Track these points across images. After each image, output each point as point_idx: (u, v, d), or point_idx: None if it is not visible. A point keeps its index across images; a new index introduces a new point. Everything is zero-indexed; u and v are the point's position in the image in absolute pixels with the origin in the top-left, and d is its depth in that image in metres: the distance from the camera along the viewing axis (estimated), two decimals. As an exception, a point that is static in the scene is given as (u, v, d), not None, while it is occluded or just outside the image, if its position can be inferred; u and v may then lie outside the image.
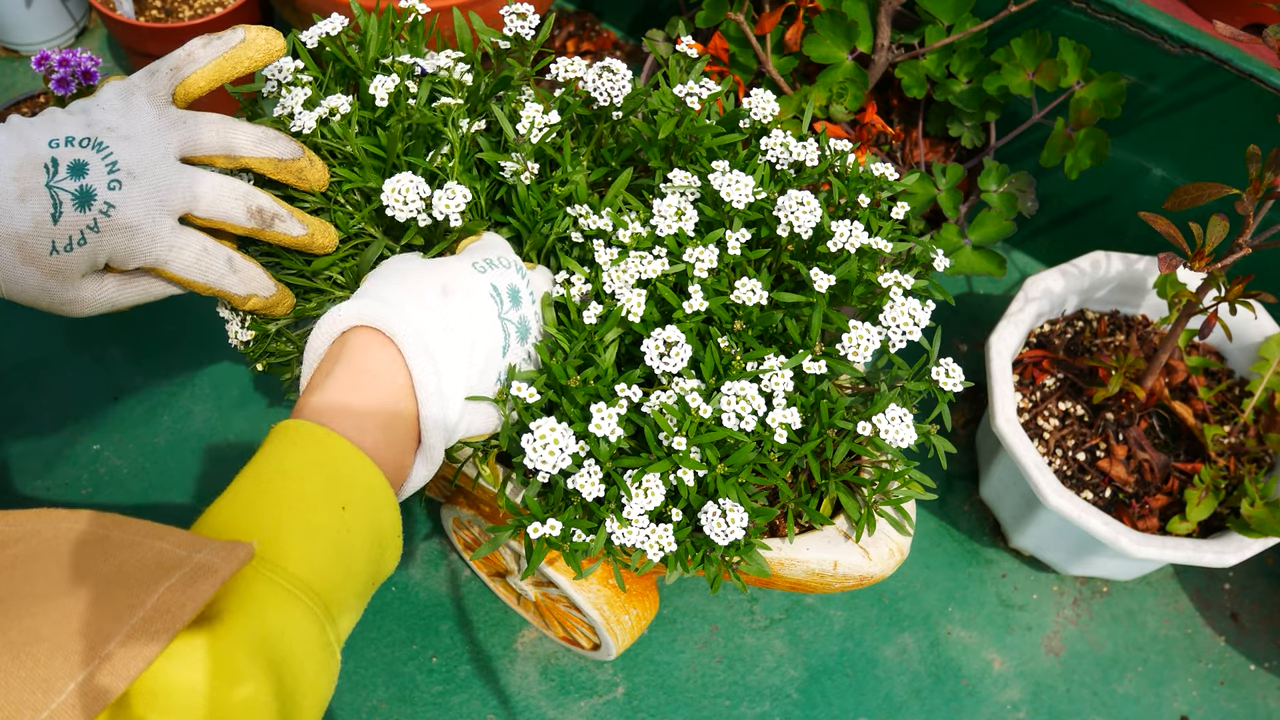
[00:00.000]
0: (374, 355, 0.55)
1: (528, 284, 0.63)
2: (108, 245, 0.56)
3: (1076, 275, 0.95)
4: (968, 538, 1.02)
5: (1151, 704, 0.96)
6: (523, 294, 0.62)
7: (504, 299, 0.61)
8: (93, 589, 0.44)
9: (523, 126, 0.67)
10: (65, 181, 0.54)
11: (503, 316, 0.60)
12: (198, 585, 0.45)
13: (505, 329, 0.60)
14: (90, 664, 0.41)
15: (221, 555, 0.46)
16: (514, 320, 0.61)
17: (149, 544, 0.46)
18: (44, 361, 1.02)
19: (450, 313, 0.57)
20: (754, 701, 0.93)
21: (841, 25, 0.94)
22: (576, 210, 0.66)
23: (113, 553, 0.46)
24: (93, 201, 0.55)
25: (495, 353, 0.60)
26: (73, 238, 0.54)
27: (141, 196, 0.56)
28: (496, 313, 0.60)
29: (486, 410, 0.60)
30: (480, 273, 0.60)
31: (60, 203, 0.54)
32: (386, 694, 0.91)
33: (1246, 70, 0.89)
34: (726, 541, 0.60)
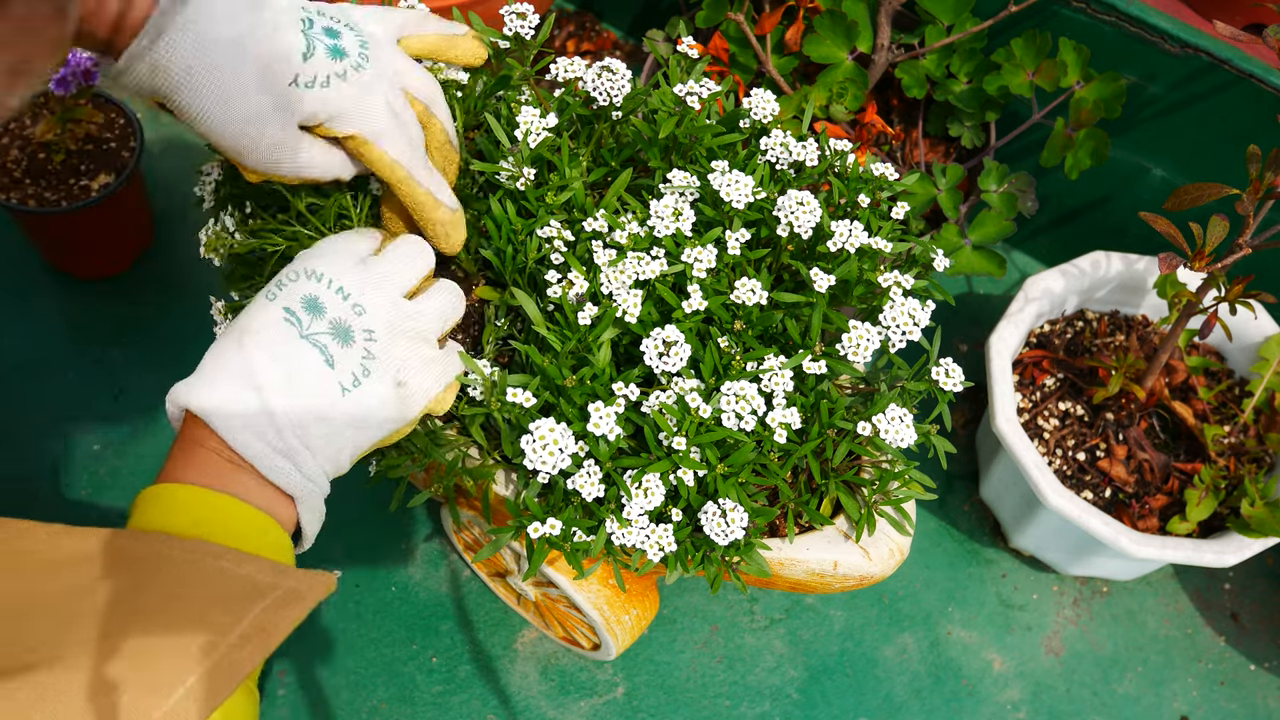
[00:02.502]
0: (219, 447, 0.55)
1: (329, 284, 0.58)
2: (345, 97, 0.59)
3: (1076, 275, 0.95)
4: (968, 538, 1.02)
5: (1151, 704, 0.96)
6: (323, 298, 0.58)
7: (300, 316, 0.57)
8: (194, 608, 0.48)
9: (519, 131, 0.67)
10: (320, 35, 0.59)
11: (305, 335, 0.57)
12: (289, 609, 0.49)
13: (316, 344, 0.56)
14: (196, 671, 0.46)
15: (307, 582, 0.50)
16: (322, 330, 0.57)
17: (240, 570, 0.50)
18: (44, 362, 1.02)
19: (251, 360, 0.55)
20: (754, 701, 0.93)
21: (841, 25, 0.94)
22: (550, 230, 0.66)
23: (214, 578, 0.49)
24: (345, 57, 0.59)
25: (319, 373, 0.56)
26: (317, 77, 0.58)
27: (380, 67, 0.61)
28: (296, 334, 0.56)
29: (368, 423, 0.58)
30: (270, 300, 0.57)
31: (314, 46, 0.58)
32: (386, 694, 0.91)
33: (1246, 70, 0.89)
34: (726, 541, 0.60)
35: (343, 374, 0.57)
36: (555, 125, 0.68)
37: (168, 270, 1.07)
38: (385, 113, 0.61)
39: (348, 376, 0.57)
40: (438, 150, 0.66)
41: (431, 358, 0.61)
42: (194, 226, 1.09)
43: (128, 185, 0.96)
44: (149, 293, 1.06)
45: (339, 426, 0.56)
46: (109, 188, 0.95)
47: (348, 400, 0.57)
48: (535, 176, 0.68)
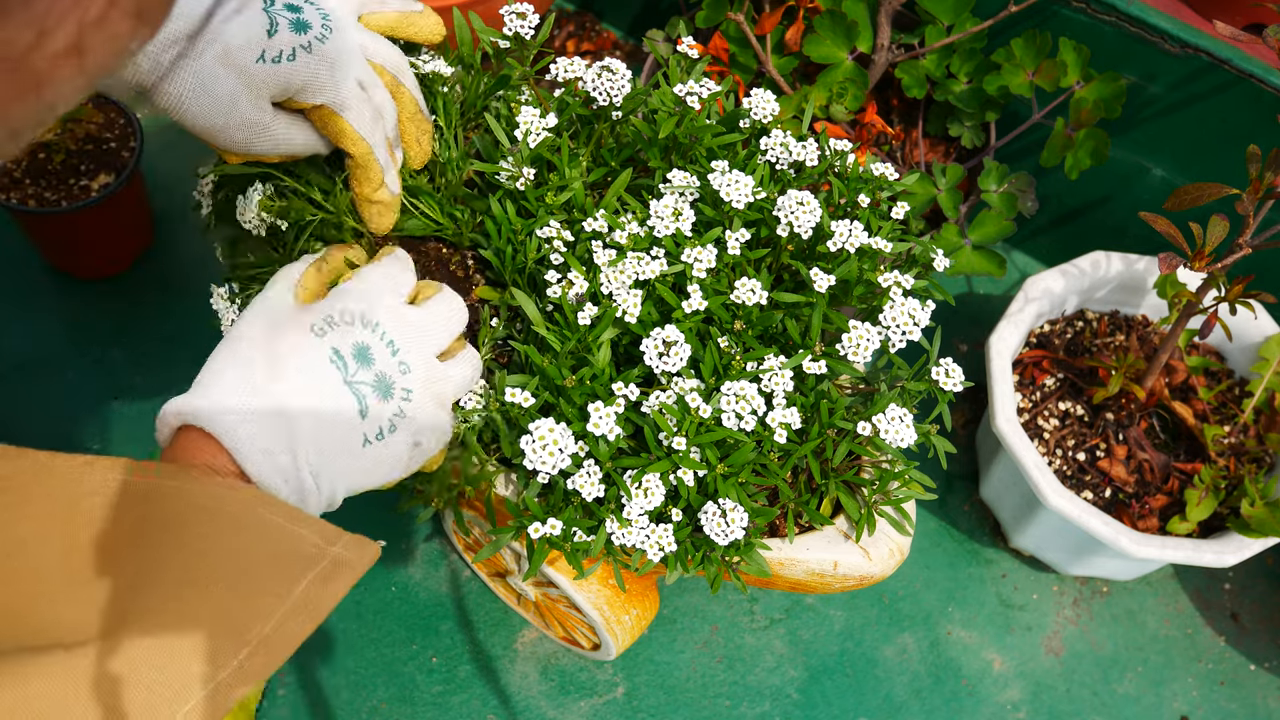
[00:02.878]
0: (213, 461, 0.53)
1: (382, 336, 0.58)
2: (311, 68, 0.59)
3: (1076, 275, 0.95)
4: (968, 538, 1.02)
5: (1151, 704, 0.96)
6: (374, 349, 0.57)
7: (348, 362, 0.56)
8: (245, 572, 0.47)
9: (519, 132, 0.67)
10: (282, 11, 0.58)
11: (350, 381, 0.55)
12: (336, 581, 0.49)
13: (356, 393, 0.55)
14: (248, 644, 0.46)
15: (355, 551, 0.50)
16: (367, 381, 0.56)
17: (291, 529, 0.49)
18: (44, 362, 1.02)
19: (282, 393, 0.53)
20: (754, 701, 0.93)
21: (841, 25, 0.94)
22: (550, 230, 0.66)
23: (262, 534, 0.48)
24: (308, 29, 0.59)
25: (350, 421, 0.55)
26: (283, 52, 0.57)
27: (345, 38, 0.61)
28: (340, 379, 0.55)
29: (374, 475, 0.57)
30: (319, 336, 0.56)
31: (276, 24, 0.57)
32: (386, 694, 0.91)
33: (1246, 70, 0.89)
34: (726, 541, 0.60)
35: (370, 427, 0.56)
36: (555, 125, 0.68)
37: (168, 270, 1.07)
38: (351, 84, 0.61)
39: (374, 430, 0.56)
40: (410, 120, 0.66)
41: (447, 426, 0.61)
42: (194, 226, 1.09)
43: (128, 185, 0.96)
44: (149, 293, 1.06)
45: (347, 474, 0.56)
46: (109, 188, 0.95)
47: (366, 451, 0.56)
48: (535, 176, 0.68)
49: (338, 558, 0.49)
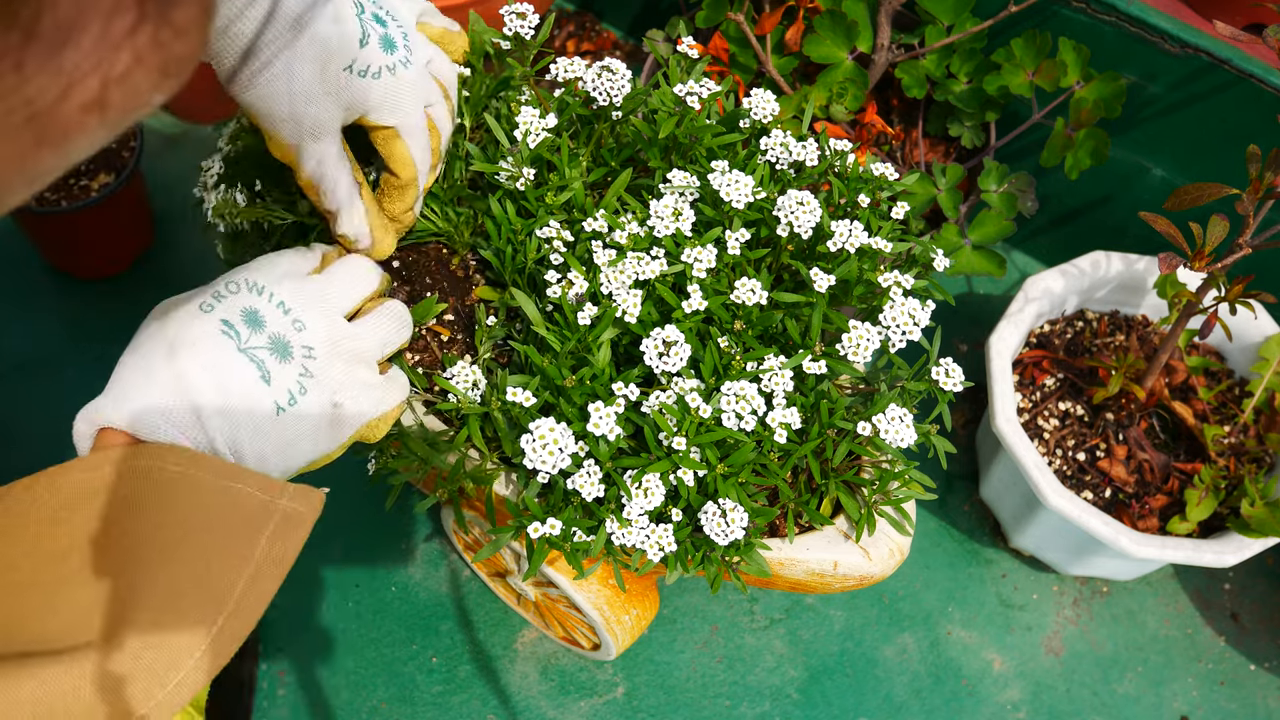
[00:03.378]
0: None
1: (270, 298, 0.56)
2: (391, 90, 0.61)
3: (1076, 275, 0.95)
4: (968, 538, 1.02)
5: (1151, 704, 0.96)
6: (263, 311, 0.56)
7: (238, 329, 0.54)
8: (207, 539, 0.49)
9: (519, 132, 0.67)
10: (372, 23, 0.60)
11: (243, 348, 0.54)
12: (292, 535, 0.50)
13: (253, 359, 0.54)
14: (224, 611, 0.48)
15: (302, 501, 0.51)
16: (261, 344, 0.55)
17: (234, 488, 0.50)
18: (44, 362, 1.02)
19: (184, 373, 0.52)
20: (754, 701, 0.93)
21: (841, 25, 0.94)
22: (550, 230, 0.66)
23: (207, 498, 0.49)
24: (394, 50, 0.61)
25: (253, 389, 0.54)
26: (370, 68, 0.59)
27: (419, 59, 0.64)
28: (234, 347, 0.54)
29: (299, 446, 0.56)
30: (207, 312, 0.55)
31: (368, 35, 0.59)
32: (386, 694, 0.91)
33: (1246, 70, 0.89)
34: (726, 541, 0.60)
35: (278, 391, 0.54)
36: (555, 125, 0.68)
37: (168, 270, 1.07)
38: (420, 110, 0.63)
39: (283, 394, 0.54)
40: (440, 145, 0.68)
41: (370, 382, 0.59)
42: (194, 226, 1.09)
43: (128, 185, 0.96)
44: (149, 293, 1.05)
45: (270, 447, 0.54)
46: (109, 188, 0.95)
47: (281, 419, 0.54)
48: (535, 176, 0.68)
49: (287, 511, 0.50)
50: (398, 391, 0.61)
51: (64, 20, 0.23)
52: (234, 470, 0.50)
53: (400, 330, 0.62)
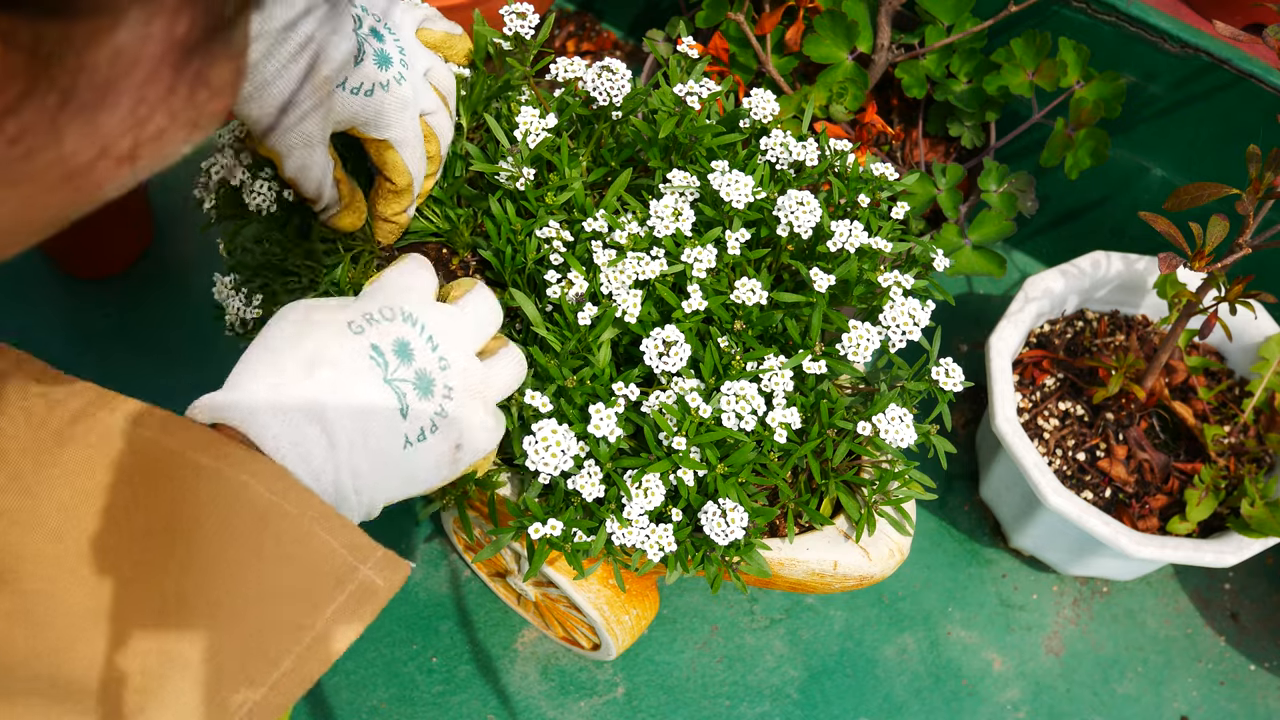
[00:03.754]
0: None
1: (421, 330, 0.55)
2: (385, 105, 0.61)
3: (1076, 275, 0.95)
4: (968, 538, 1.02)
5: (1151, 704, 0.96)
6: (415, 345, 0.54)
7: (388, 359, 0.53)
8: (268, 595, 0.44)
9: (519, 132, 0.67)
10: (369, 37, 0.60)
11: (390, 379, 0.52)
12: (362, 609, 0.45)
13: (397, 391, 0.52)
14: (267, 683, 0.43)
15: (383, 573, 0.46)
16: (407, 378, 0.53)
17: (319, 537, 0.45)
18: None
19: (319, 391, 0.50)
20: (754, 701, 0.93)
21: (841, 25, 0.94)
22: (549, 231, 0.66)
23: (286, 543, 0.44)
24: (389, 66, 0.61)
25: (390, 421, 0.52)
26: (363, 84, 0.59)
27: (417, 71, 0.64)
28: (380, 376, 0.52)
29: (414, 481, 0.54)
30: (357, 334, 0.52)
31: (363, 51, 0.59)
32: (386, 694, 0.91)
33: (1246, 70, 0.89)
34: (726, 541, 0.60)
35: (411, 427, 0.52)
36: (555, 125, 0.68)
37: (168, 270, 1.07)
38: (415, 121, 0.63)
39: (415, 431, 0.52)
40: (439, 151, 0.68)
41: (491, 427, 0.58)
42: (194, 226, 1.09)
43: (128, 185, 0.96)
44: (149, 293, 1.06)
45: (388, 479, 0.52)
46: (109, 188, 0.95)
47: (408, 453, 0.52)
48: (535, 176, 0.68)
49: (366, 582, 0.46)
50: (501, 429, 0.60)
51: (101, 83, 0.23)
52: (330, 517, 0.46)
53: (520, 376, 0.61)
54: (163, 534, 0.43)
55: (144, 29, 0.23)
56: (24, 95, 0.22)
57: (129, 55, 0.23)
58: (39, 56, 0.21)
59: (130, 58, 0.23)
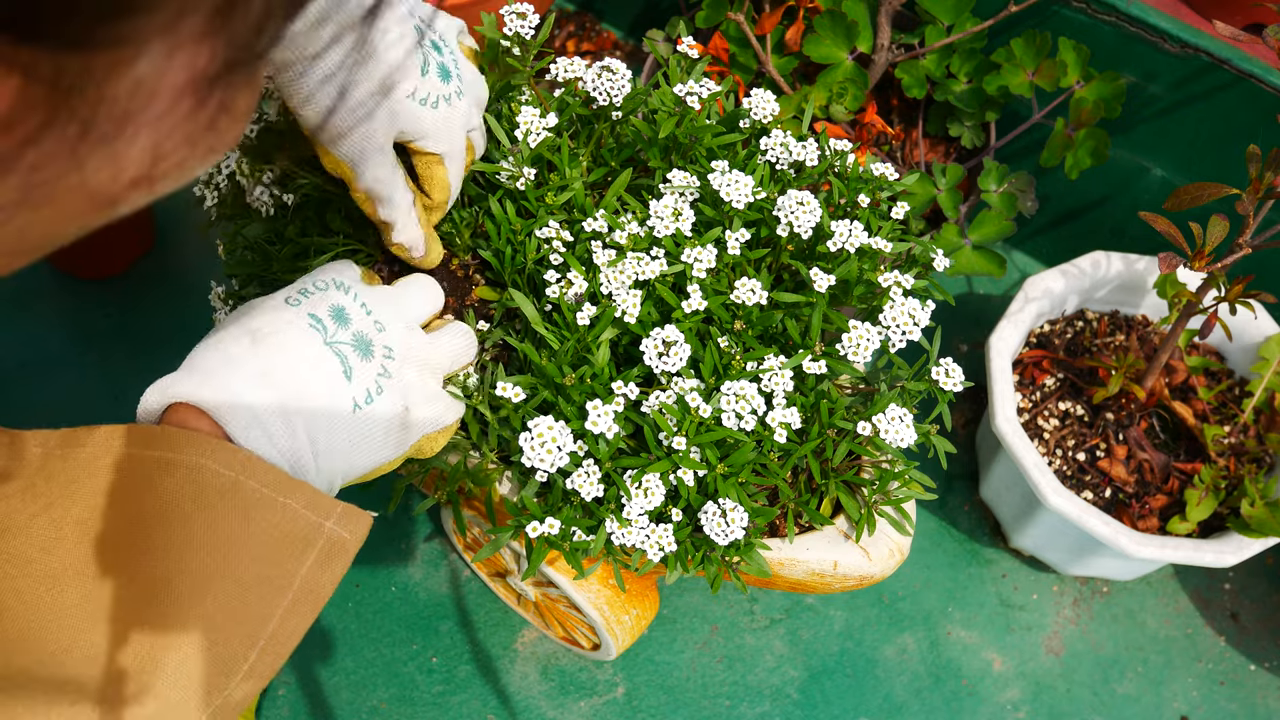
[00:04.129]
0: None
1: (355, 298, 0.57)
2: (444, 119, 0.62)
3: (1076, 275, 0.95)
4: (968, 538, 1.02)
5: (1151, 704, 0.96)
6: (350, 310, 0.56)
7: (326, 324, 0.55)
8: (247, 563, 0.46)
9: (519, 131, 0.67)
10: (430, 50, 0.61)
11: (329, 342, 0.54)
12: (334, 564, 0.48)
13: (338, 353, 0.54)
14: (256, 646, 0.46)
15: (349, 525, 0.49)
16: (345, 340, 0.55)
17: (280, 502, 0.48)
18: (44, 362, 1.02)
19: (266, 357, 0.52)
20: (754, 701, 0.93)
21: (841, 25, 0.94)
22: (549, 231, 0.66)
23: (254, 514, 0.47)
24: (449, 80, 0.62)
25: (336, 383, 0.54)
26: (429, 96, 0.60)
27: (468, 85, 0.64)
28: (320, 340, 0.54)
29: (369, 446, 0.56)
30: (294, 306, 0.55)
31: (428, 63, 0.60)
32: (386, 694, 0.91)
33: (1246, 70, 0.89)
34: (726, 541, 0.60)
35: (358, 389, 0.54)
36: (555, 125, 0.68)
37: (168, 270, 1.07)
38: (464, 137, 0.64)
39: (362, 392, 0.54)
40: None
41: (437, 393, 0.60)
42: (194, 226, 1.09)
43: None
44: (149, 293, 1.06)
45: (344, 444, 0.54)
46: (109, 188, 0.95)
47: (356, 416, 0.54)
48: (535, 176, 0.68)
49: (332, 536, 0.48)
50: (456, 409, 0.62)
51: (121, 113, 0.23)
52: (286, 483, 0.48)
53: (469, 348, 0.63)
54: (139, 527, 0.46)
55: (165, 61, 0.23)
56: (45, 126, 0.22)
57: (149, 86, 0.23)
58: (60, 88, 0.21)
59: (151, 88, 0.23)
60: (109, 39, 0.21)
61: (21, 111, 0.21)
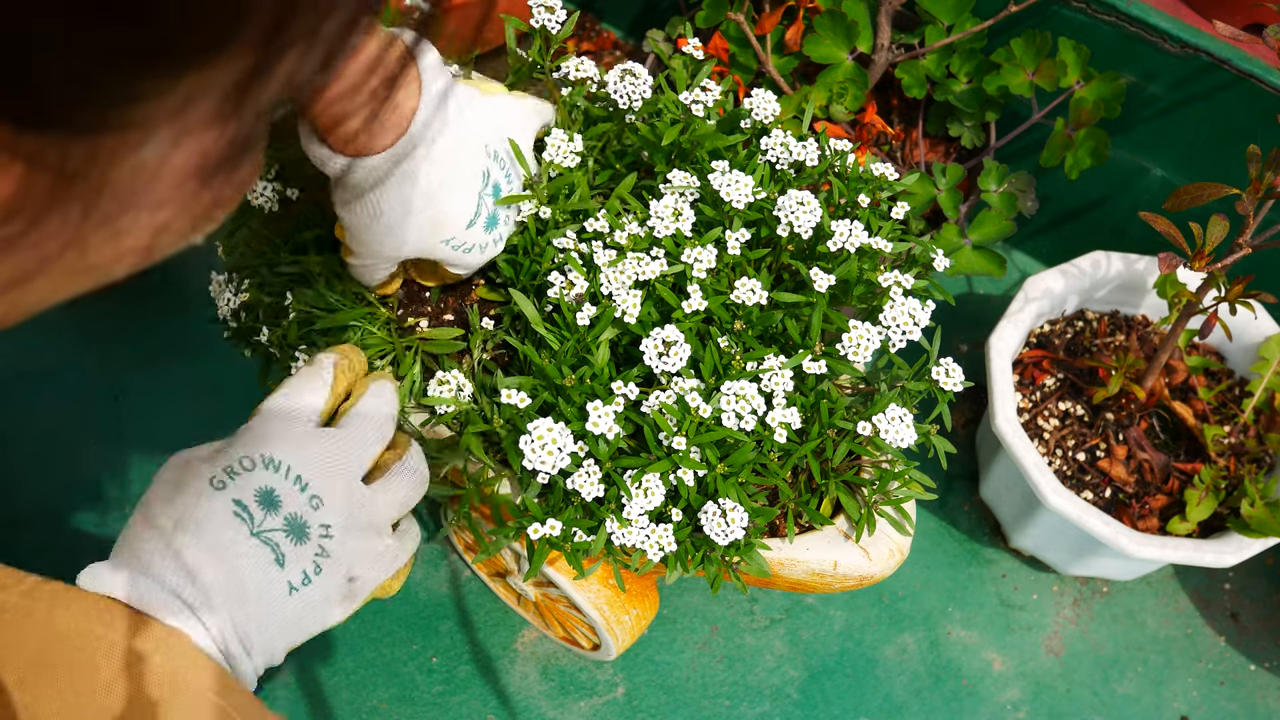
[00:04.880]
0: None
1: (287, 474, 0.54)
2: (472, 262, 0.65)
3: (1076, 275, 0.95)
4: (968, 538, 1.02)
5: (1151, 704, 0.96)
6: (281, 490, 0.53)
7: (252, 511, 0.52)
8: None
9: (546, 155, 0.67)
10: (488, 196, 0.63)
11: (257, 532, 0.52)
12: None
13: (268, 542, 0.52)
14: None
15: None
16: (276, 527, 0.53)
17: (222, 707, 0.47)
18: (45, 361, 1.02)
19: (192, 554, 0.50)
20: (754, 701, 0.93)
21: (841, 25, 0.94)
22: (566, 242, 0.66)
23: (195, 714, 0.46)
24: (494, 229, 0.64)
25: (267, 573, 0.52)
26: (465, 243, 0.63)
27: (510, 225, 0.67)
28: (247, 531, 0.52)
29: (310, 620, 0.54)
30: (218, 490, 0.53)
31: (479, 213, 0.62)
32: (386, 694, 0.91)
33: (1246, 70, 0.89)
34: (726, 541, 0.60)
35: (293, 573, 0.53)
36: (581, 150, 0.68)
37: (167, 271, 1.07)
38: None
39: (298, 575, 0.53)
40: None
41: (384, 550, 0.57)
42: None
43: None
44: (149, 293, 1.06)
45: (278, 628, 0.52)
46: (109, 188, 0.95)
47: (294, 599, 0.53)
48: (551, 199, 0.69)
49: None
50: (410, 544, 0.60)
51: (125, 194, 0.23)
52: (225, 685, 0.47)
53: (418, 489, 0.60)
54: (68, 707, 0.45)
55: (172, 146, 0.22)
56: (47, 209, 0.22)
57: (155, 169, 0.23)
58: (64, 175, 0.21)
59: (156, 171, 0.23)
60: (116, 125, 0.21)
61: (24, 198, 0.21)
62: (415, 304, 0.69)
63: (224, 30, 0.19)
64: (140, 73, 0.19)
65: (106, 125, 0.20)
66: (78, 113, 0.20)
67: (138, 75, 0.19)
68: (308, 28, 0.21)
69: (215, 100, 0.22)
